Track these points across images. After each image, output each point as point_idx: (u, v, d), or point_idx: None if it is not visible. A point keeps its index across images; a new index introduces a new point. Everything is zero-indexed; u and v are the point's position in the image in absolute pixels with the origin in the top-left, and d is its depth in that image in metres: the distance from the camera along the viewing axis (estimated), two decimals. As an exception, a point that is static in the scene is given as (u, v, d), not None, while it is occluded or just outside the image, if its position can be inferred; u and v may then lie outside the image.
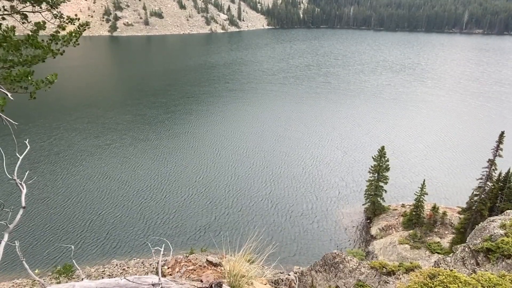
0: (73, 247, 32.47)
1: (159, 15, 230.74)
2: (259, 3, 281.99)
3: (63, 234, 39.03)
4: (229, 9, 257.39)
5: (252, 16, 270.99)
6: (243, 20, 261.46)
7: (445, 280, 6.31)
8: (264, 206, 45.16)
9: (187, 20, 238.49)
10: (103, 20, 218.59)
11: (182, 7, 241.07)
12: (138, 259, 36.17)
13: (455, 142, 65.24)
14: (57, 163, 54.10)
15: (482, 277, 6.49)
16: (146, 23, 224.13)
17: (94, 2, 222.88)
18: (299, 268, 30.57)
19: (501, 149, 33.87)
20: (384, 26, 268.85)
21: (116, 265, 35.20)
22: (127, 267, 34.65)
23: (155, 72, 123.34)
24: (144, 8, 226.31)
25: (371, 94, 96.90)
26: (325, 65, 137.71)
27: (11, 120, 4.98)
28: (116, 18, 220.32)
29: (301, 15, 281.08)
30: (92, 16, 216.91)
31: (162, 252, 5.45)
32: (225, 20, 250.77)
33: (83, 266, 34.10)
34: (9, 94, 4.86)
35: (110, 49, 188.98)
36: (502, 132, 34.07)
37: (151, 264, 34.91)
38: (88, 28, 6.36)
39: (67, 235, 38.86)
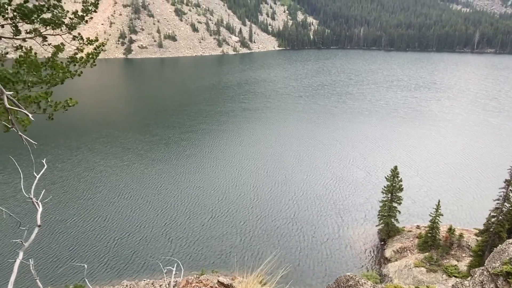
0: (86, 266, 32.34)
1: (173, 38, 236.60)
2: (269, 25, 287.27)
3: (76, 253, 39.06)
4: (240, 31, 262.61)
5: (263, 38, 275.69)
6: (254, 42, 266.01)
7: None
8: (275, 227, 44.62)
9: (200, 42, 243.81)
10: (118, 43, 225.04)
11: (195, 30, 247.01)
12: (148, 280, 35.82)
13: (470, 161, 64.05)
14: (75, 183, 54.79)
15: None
16: (160, 45, 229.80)
17: (110, 26, 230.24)
18: (312, 291, 29.86)
19: (518, 169, 33.07)
20: (394, 46, 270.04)
21: (127, 286, 34.91)
22: (137, 288, 34.32)
23: (170, 92, 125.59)
24: (158, 31, 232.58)
25: (386, 113, 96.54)
26: (339, 84, 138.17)
27: (31, 140, 5.12)
28: (131, 41, 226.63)
29: (312, 37, 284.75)
30: (108, 40, 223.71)
31: (174, 272, 5.41)
32: (236, 42, 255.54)
33: (94, 287, 33.93)
34: (30, 115, 5.03)
35: (125, 71, 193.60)
36: (519, 152, 33.39)
37: (161, 285, 34.54)
38: (103, 49, 6.53)
39: (80, 254, 38.87)
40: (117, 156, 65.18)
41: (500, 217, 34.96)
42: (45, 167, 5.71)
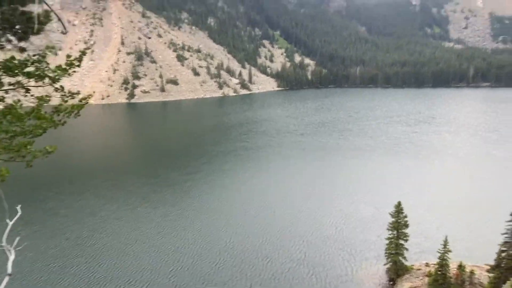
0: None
1: (175, 82, 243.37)
2: (268, 67, 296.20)
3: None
4: (240, 74, 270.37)
5: (262, 79, 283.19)
6: (254, 83, 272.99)
7: None
8: (285, 270, 43.52)
9: (201, 85, 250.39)
10: (121, 89, 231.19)
11: (196, 74, 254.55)
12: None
13: (476, 195, 63.55)
14: (78, 230, 54.25)
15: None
16: (162, 89, 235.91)
17: (114, 73, 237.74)
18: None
19: (523, 202, 32.94)
20: (391, 84, 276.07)
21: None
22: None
23: (173, 134, 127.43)
24: (161, 76, 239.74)
25: (388, 148, 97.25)
26: (340, 122, 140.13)
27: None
28: (134, 86, 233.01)
29: (309, 77, 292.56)
30: (111, 86, 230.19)
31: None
32: (236, 84, 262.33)
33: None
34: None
35: (128, 115, 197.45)
36: (522, 184, 33.40)
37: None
38: (87, 102, 6.53)
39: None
40: (121, 200, 65.03)
41: (511, 252, 34.30)
42: (19, 213, 5.75)
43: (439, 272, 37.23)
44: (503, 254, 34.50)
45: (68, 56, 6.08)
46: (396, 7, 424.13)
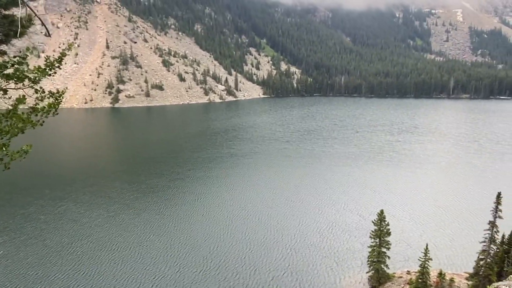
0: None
1: (160, 87, 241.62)
2: (254, 74, 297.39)
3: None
4: (226, 80, 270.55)
5: (248, 86, 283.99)
6: (240, 90, 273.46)
7: None
8: (269, 278, 43.37)
9: (187, 91, 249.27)
10: (105, 93, 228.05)
11: (182, 79, 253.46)
12: None
13: (457, 203, 64.92)
14: (57, 237, 52.92)
15: None
16: (147, 95, 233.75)
17: (98, 77, 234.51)
18: None
19: (500, 210, 33.87)
20: (374, 93, 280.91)
21: None
22: None
23: (157, 140, 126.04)
24: (146, 81, 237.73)
25: (372, 156, 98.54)
26: (325, 130, 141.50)
27: None
28: (119, 90, 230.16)
29: (295, 85, 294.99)
30: (95, 90, 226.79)
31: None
32: (222, 90, 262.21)
33: None
34: None
35: (112, 120, 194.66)
36: (499, 193, 34.33)
37: None
38: (62, 98, 6.47)
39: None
40: (102, 207, 63.79)
41: (488, 260, 35.12)
42: None
43: (420, 280, 37.75)
44: (481, 262, 35.31)
45: (47, 57, 6.01)
46: (380, 19, 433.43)
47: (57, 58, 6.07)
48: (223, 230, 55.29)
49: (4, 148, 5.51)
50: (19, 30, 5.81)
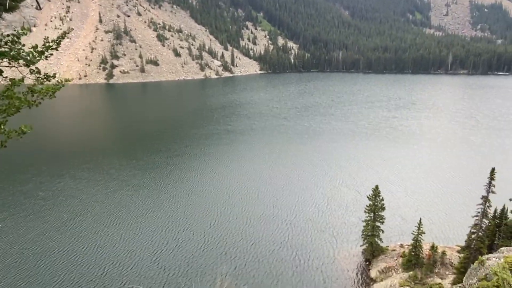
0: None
1: (155, 62, 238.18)
2: (251, 49, 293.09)
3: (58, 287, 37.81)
4: (222, 55, 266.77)
5: (244, 62, 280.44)
6: (236, 66, 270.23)
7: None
8: (268, 252, 44.31)
9: (182, 67, 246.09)
10: (99, 69, 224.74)
11: (177, 55, 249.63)
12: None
13: (451, 179, 65.81)
14: (56, 213, 53.43)
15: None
16: (142, 70, 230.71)
17: (91, 52, 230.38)
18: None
19: (493, 186, 34.38)
20: (372, 69, 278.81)
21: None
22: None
23: (153, 116, 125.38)
24: (140, 56, 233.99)
25: (369, 133, 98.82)
26: (322, 106, 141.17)
27: None
28: (113, 66, 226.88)
29: (292, 60, 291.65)
30: (89, 65, 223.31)
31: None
32: (219, 66, 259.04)
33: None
34: None
35: (107, 96, 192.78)
36: (493, 169, 34.75)
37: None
38: (64, 86, 6.38)
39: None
40: (101, 183, 64.18)
41: (480, 233, 35.96)
42: None
43: (412, 253, 38.79)
44: (473, 236, 36.14)
45: (46, 38, 5.91)
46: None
47: (56, 39, 5.94)
48: (221, 205, 56.00)
49: (1, 126, 5.51)
50: (8, 3, 5.65)
